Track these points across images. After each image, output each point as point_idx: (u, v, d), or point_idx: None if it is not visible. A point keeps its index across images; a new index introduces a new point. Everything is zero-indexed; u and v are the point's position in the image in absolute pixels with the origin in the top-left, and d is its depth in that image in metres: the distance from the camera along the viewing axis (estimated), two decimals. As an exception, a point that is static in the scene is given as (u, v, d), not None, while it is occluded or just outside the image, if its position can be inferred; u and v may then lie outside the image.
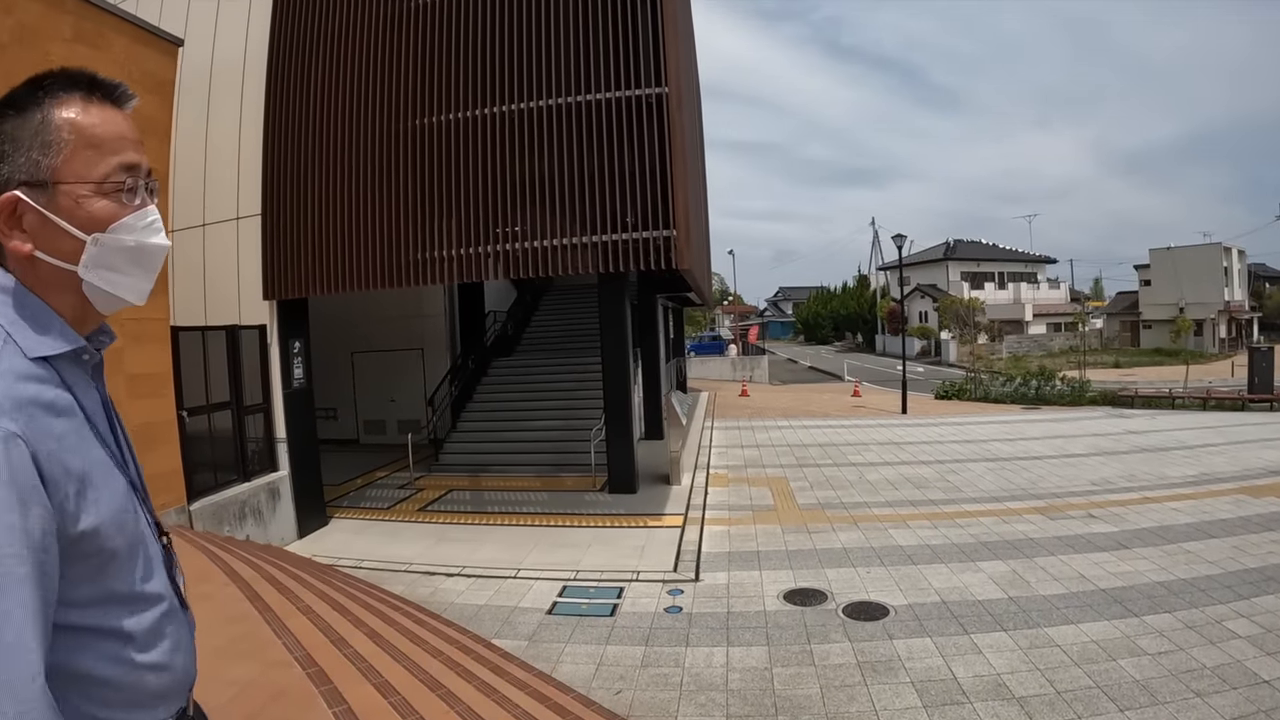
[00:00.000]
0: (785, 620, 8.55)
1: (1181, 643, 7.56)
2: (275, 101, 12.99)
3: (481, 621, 8.70)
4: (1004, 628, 8.12)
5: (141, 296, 1.58)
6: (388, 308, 21.92)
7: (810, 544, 11.38)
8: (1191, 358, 47.72)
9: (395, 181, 12.15)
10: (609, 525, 12.77)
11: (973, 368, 39.53)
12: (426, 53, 12.16)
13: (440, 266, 11.95)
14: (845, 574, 10.00)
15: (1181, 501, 13.24)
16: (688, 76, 15.04)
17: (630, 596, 9.48)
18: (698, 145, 20.88)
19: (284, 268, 12.68)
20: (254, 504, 11.82)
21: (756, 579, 9.94)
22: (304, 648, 5.75)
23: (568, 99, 11.56)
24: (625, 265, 11.35)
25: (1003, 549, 10.86)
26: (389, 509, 14.43)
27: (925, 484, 15.18)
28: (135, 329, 9.72)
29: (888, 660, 7.45)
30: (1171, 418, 25.94)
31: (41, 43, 8.68)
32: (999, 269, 78.16)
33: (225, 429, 11.88)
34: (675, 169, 11.09)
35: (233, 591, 7.02)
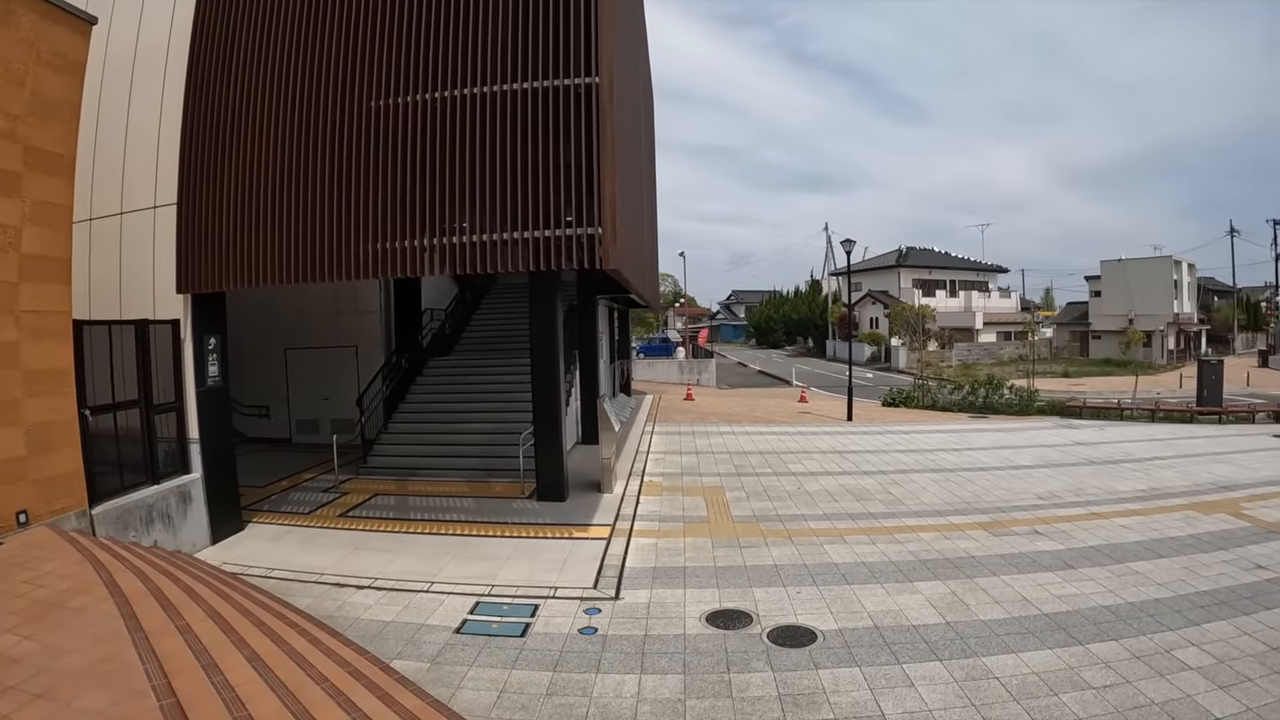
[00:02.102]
0: (706, 645, 8.25)
1: (1128, 674, 7.39)
2: (196, 86, 12.43)
3: (385, 640, 8.34)
4: (939, 657, 7.89)
5: None
6: (323, 303, 21.46)
7: (740, 560, 11.12)
8: (1140, 369, 48.31)
9: (317, 171, 11.68)
10: (533, 536, 12.43)
11: (921, 375, 39.70)
12: (350, 37, 11.70)
13: (364, 260, 11.50)
14: (774, 594, 9.74)
15: (1130, 518, 13.21)
16: (628, 70, 14.70)
17: (545, 615, 9.15)
18: (641, 142, 20.48)
19: (200, 260, 12.13)
20: (163, 508, 11.31)
21: (679, 598, 9.65)
22: (166, 674, 5.37)
23: (494, 87, 11.15)
24: (551, 263, 10.99)
25: (943, 568, 10.68)
26: (310, 514, 13.98)
27: (866, 496, 15.01)
28: (33, 322, 9.27)
29: (811, 693, 7.16)
30: (1120, 429, 26.15)
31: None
32: (951, 277, 79.11)
33: (134, 429, 11.33)
34: (604, 163, 10.74)
35: (108, 607, 6.61)
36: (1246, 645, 8.05)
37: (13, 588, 7.10)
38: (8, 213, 9.02)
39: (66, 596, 6.87)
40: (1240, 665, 7.58)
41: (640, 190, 19.30)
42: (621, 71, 12.52)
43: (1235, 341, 79.60)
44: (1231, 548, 11.56)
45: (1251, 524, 12.88)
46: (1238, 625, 8.59)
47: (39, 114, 9.43)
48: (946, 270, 79.69)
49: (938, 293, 75.61)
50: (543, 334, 14.52)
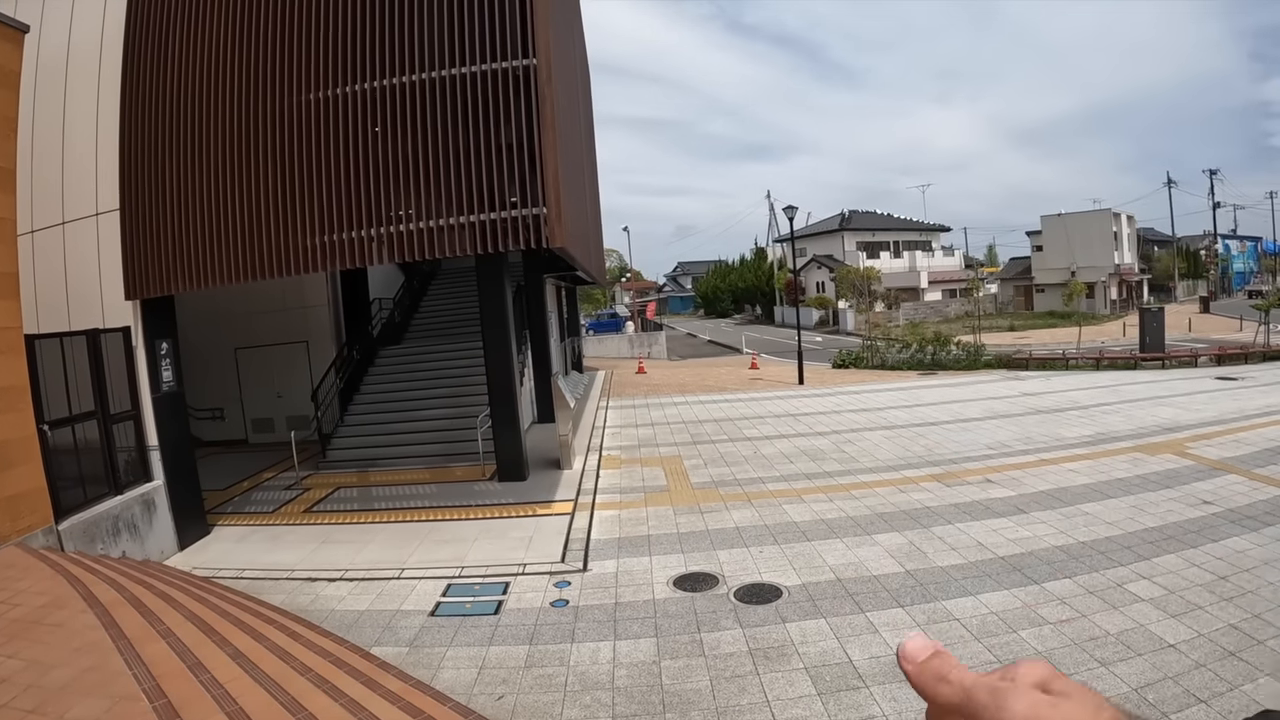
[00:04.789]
0: (675, 608, 8.51)
1: (1083, 609, 7.75)
2: (132, 88, 12.28)
3: (362, 629, 8.49)
4: (901, 604, 8.22)
5: None
6: (269, 300, 21.22)
7: (703, 525, 11.38)
8: (1084, 320, 49.31)
9: (258, 168, 11.63)
10: (497, 516, 12.62)
11: (870, 336, 40.19)
12: (283, 31, 11.62)
13: (309, 254, 11.49)
14: (738, 555, 10.02)
15: (1078, 462, 13.64)
16: (564, 50, 14.77)
17: (516, 591, 9.36)
18: (580, 120, 20.52)
19: (146, 264, 12.05)
20: (128, 518, 11.31)
21: (646, 565, 9.90)
22: (155, 678, 5.50)
23: (432, 74, 11.18)
24: (499, 245, 11.08)
25: (900, 520, 11.01)
26: (273, 512, 14.02)
27: (821, 456, 15.33)
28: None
29: (780, 646, 7.45)
30: (1066, 378, 26.77)
31: None
32: (894, 238, 79.72)
33: (93, 440, 11.29)
34: (545, 144, 10.84)
35: (87, 619, 6.70)
36: (1195, 576, 8.46)
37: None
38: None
39: (44, 612, 6.94)
40: (1190, 595, 7.98)
41: (582, 168, 19.39)
42: (559, 51, 12.59)
43: (1177, 290, 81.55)
44: (1178, 485, 12.03)
45: (1196, 462, 13.38)
46: (1186, 558, 9.01)
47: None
48: (889, 232, 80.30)
49: (882, 254, 76.20)
50: (493, 315, 14.62)
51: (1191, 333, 45.12)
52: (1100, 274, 67.49)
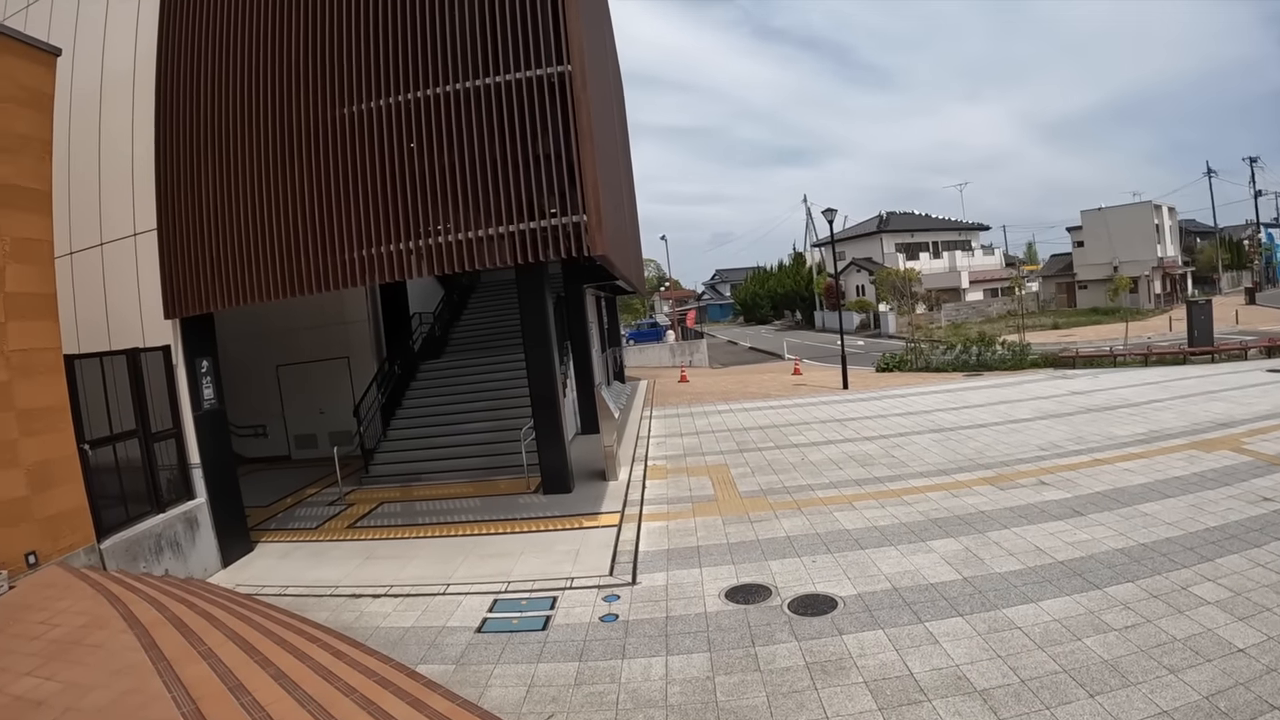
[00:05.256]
0: (727, 621, 8.25)
1: (1148, 614, 7.40)
2: (166, 109, 12.34)
3: (407, 646, 8.32)
4: (960, 612, 7.90)
5: None
6: (310, 316, 21.31)
7: (753, 534, 11.11)
8: (1129, 315, 48.34)
9: (294, 184, 11.60)
10: (543, 529, 12.42)
11: (912, 338, 39.68)
12: (315, 47, 11.60)
13: (347, 269, 11.43)
14: (790, 565, 9.74)
15: (1133, 461, 13.23)
16: (598, 56, 14.63)
17: (564, 606, 9.13)
18: (616, 129, 20.38)
19: (185, 283, 12.06)
20: (171, 536, 11.24)
21: (696, 577, 9.64)
22: (193, 700, 5.32)
23: (466, 84, 11.07)
24: (539, 255, 10.94)
25: (954, 525, 10.68)
26: (317, 528, 13.94)
27: (870, 461, 15.01)
28: (22, 360, 9.18)
29: (838, 659, 7.16)
30: (1114, 375, 26.19)
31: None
32: (933, 239, 79.03)
33: (134, 459, 11.24)
34: (583, 150, 10.69)
35: (127, 639, 6.56)
36: (1261, 576, 8.08)
37: (29, 629, 7.06)
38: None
39: (84, 633, 6.82)
40: (1257, 596, 7.61)
41: (620, 176, 19.24)
42: (592, 58, 12.43)
43: (1221, 281, 79.93)
44: (1236, 483, 11.59)
45: (1254, 458, 12.92)
46: (1250, 558, 8.63)
47: (9, 150, 9.33)
48: (928, 232, 79.63)
49: (921, 255, 75.57)
50: (534, 326, 14.44)
51: (1239, 325, 44.11)
52: (1143, 268, 66.30)
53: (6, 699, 5.62)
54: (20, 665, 6.22)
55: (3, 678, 6.00)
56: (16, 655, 6.46)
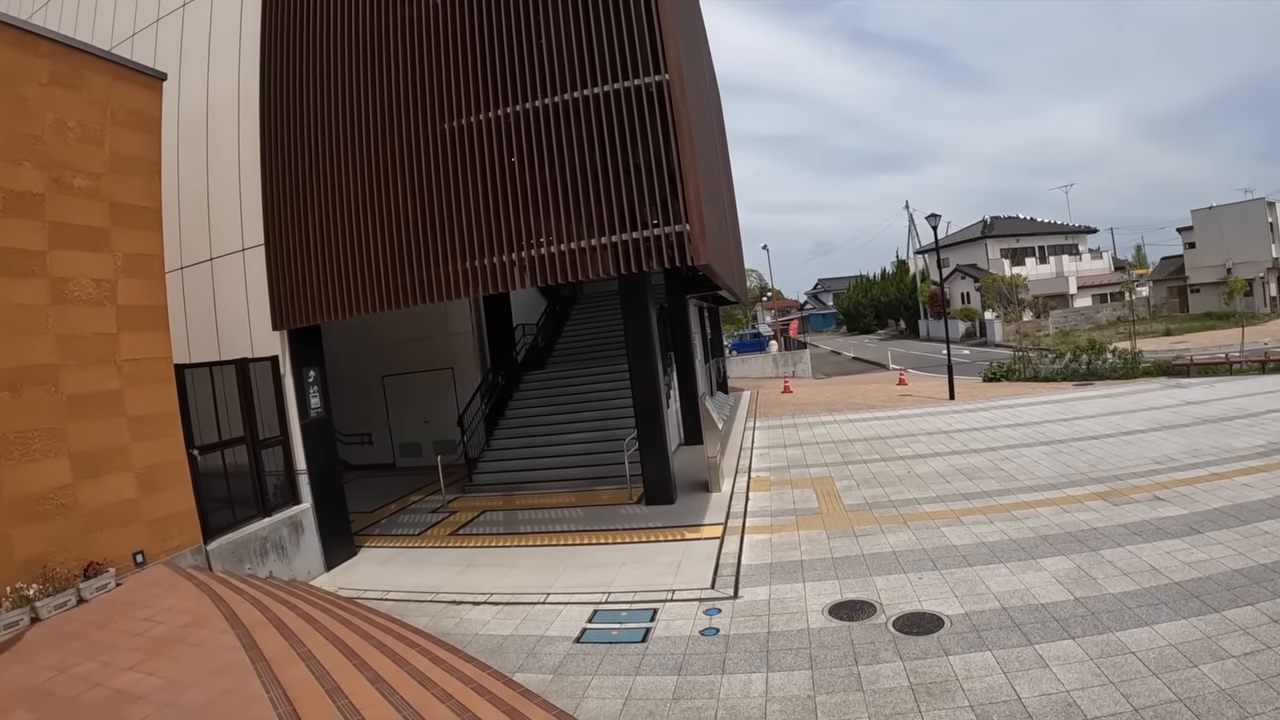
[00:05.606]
0: (830, 639, 7.97)
1: (1269, 640, 6.88)
2: (270, 128, 12.78)
3: (505, 654, 8.25)
4: (1071, 634, 7.47)
5: None
6: (415, 328, 21.70)
7: (857, 549, 10.77)
8: (1245, 319, 45.99)
9: (396, 199, 11.78)
10: (644, 540, 12.25)
11: (1020, 346, 38.51)
12: (415, 65, 11.79)
13: (450, 281, 11.54)
14: (896, 582, 9.39)
15: (1253, 476, 12.46)
16: (694, 65, 14.51)
17: (664, 619, 8.94)
18: (715, 137, 20.21)
19: (292, 296, 12.38)
20: (276, 539, 11.48)
21: (799, 592, 9.36)
22: (291, 702, 5.32)
23: (564, 96, 11.06)
24: (641, 265, 10.84)
25: (1065, 542, 10.18)
26: (419, 535, 14.07)
27: (978, 474, 14.49)
28: (134, 370, 9.52)
29: (944, 681, 6.83)
30: (1231, 384, 24.88)
31: (15, 88, 8.56)
32: (1039, 243, 76.22)
33: (242, 464, 11.56)
34: (684, 159, 10.54)
35: (228, 639, 6.66)
36: (1394, 604, 7.49)
37: (133, 626, 7.25)
38: (101, 267, 9.33)
39: (186, 631, 6.96)
40: (1391, 622, 7.06)
41: (721, 185, 19.09)
42: (689, 66, 12.33)
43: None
44: (1367, 499, 10.83)
45: (1388, 472, 12.10)
46: (1386, 580, 8.02)
47: (121, 171, 9.73)
48: (1034, 236, 76.81)
49: (1027, 260, 73.07)
50: (637, 337, 14.35)
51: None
52: (1258, 269, 62.64)
53: (108, 692, 5.74)
54: (123, 660, 6.38)
55: (105, 672, 6.15)
56: (120, 650, 6.63)
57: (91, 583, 8.34)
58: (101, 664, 6.38)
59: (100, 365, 9.16)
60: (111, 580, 8.59)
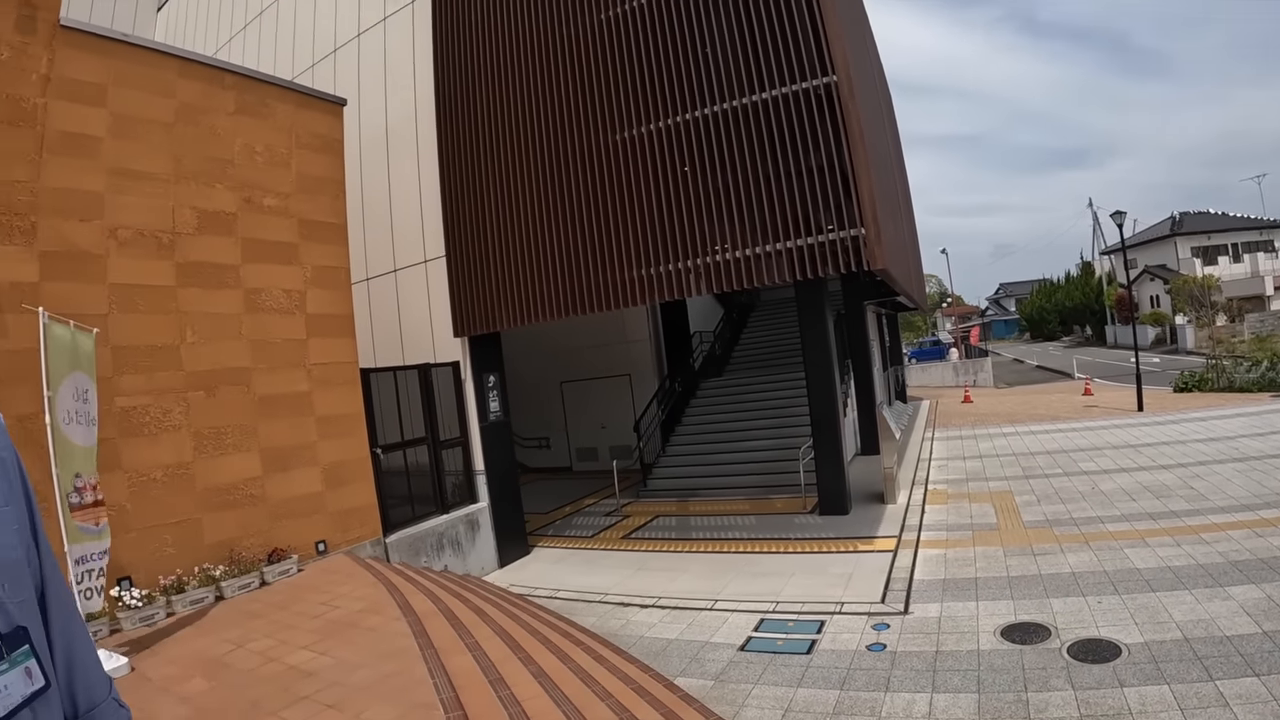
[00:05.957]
0: (1001, 661, 7.60)
1: None
2: (447, 145, 13.49)
3: (668, 658, 8.26)
4: (1256, 672, 6.85)
5: None
6: (592, 335, 22.13)
7: (1035, 568, 10.25)
8: None
9: (571, 209, 12.14)
10: (816, 551, 12.03)
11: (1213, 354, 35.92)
12: (584, 80, 12.13)
13: (626, 289, 11.76)
14: (1073, 605, 8.86)
15: None
16: (862, 66, 14.26)
17: (831, 631, 8.73)
18: (888, 138, 19.72)
19: (472, 305, 12.94)
20: (452, 535, 11.97)
21: (972, 611, 8.97)
22: (454, 689, 5.49)
23: (733, 103, 11.08)
24: (817, 270, 10.72)
25: (1257, 570, 9.34)
26: (592, 537, 14.31)
27: (1166, 492, 13.57)
28: (323, 373, 10.19)
29: (1116, 714, 6.39)
30: None
31: (205, 118, 9.32)
32: (1231, 239, 69.62)
33: (423, 464, 12.15)
34: (856, 162, 10.38)
35: (400, 626, 6.96)
36: None
37: (311, 609, 7.70)
38: (290, 278, 10.05)
39: (360, 616, 7.33)
40: None
41: (895, 187, 18.66)
42: (857, 68, 12.15)
43: None
44: None
45: None
46: None
47: (307, 190, 10.45)
48: (1226, 233, 69.66)
49: (1219, 259, 67.28)
50: (815, 344, 14.09)
51: None
52: None
53: (282, 667, 6.12)
54: (299, 639, 6.78)
55: (281, 649, 6.57)
56: (297, 630, 7.05)
57: (274, 567, 8.97)
58: (278, 641, 6.81)
59: (290, 369, 9.86)
60: (294, 566, 9.20)
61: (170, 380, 8.56)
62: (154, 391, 8.40)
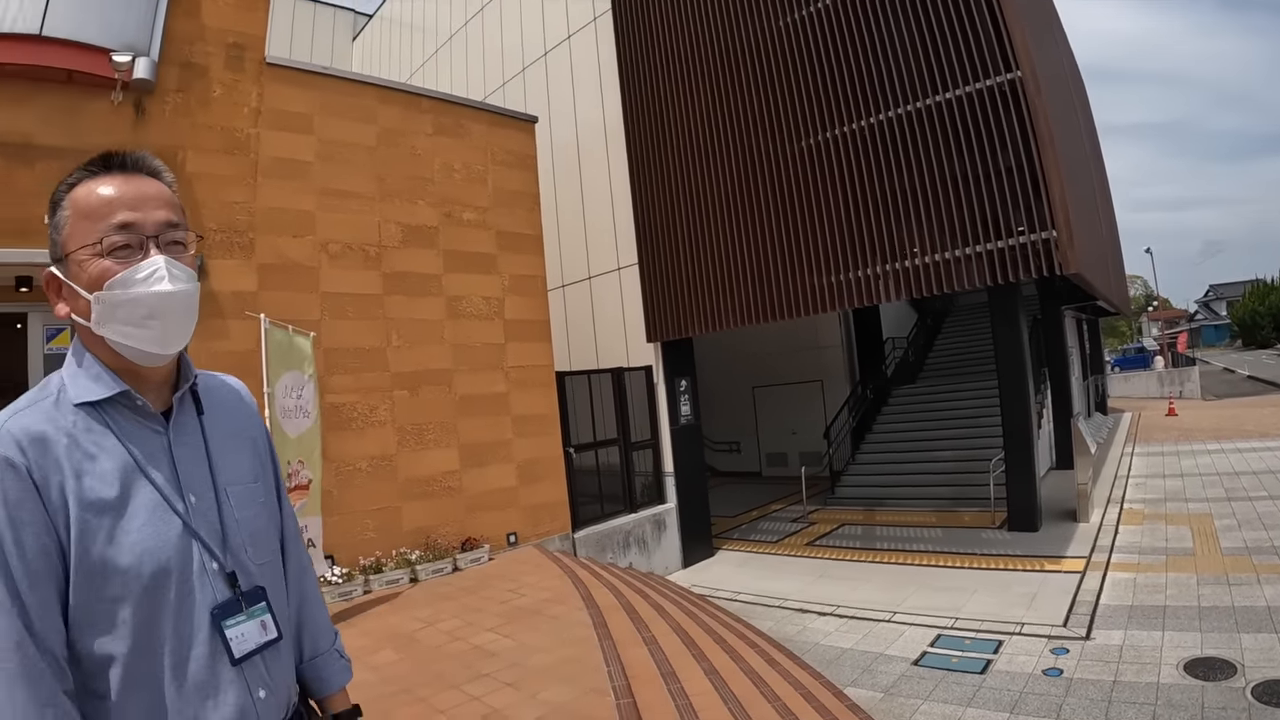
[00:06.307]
0: (1179, 697, 7.27)
1: None
2: (636, 160, 14.10)
3: (841, 667, 8.35)
4: None
5: (165, 345, 1.56)
6: (784, 341, 22.18)
7: (1228, 599, 9.65)
8: None
9: (760, 215, 12.38)
10: (1001, 568, 11.77)
11: None
12: (768, 89, 12.34)
13: (817, 295, 11.86)
14: (1264, 641, 8.32)
15: None
16: (1049, 57, 13.77)
17: (1008, 652, 8.57)
18: (1082, 133, 18.73)
19: (664, 311, 13.41)
20: (639, 534, 12.43)
21: (1156, 641, 8.59)
22: (627, 678, 5.82)
23: (915, 105, 10.95)
24: (1007, 275, 10.48)
25: None
26: (777, 542, 14.42)
27: (1387, 525, 12.55)
28: (520, 375, 10.92)
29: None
30: None
31: (405, 140, 10.23)
32: None
33: (613, 463, 12.71)
34: (1046, 161, 10.07)
35: (581, 616, 7.37)
36: None
37: (498, 595, 8.29)
38: (489, 287, 10.84)
39: (545, 605, 7.81)
40: None
41: (1092, 185, 17.80)
42: (1042, 60, 11.79)
43: None
44: None
45: None
46: None
47: (503, 204, 11.22)
48: None
49: None
50: (1007, 353, 13.72)
51: None
52: None
53: (466, 646, 6.69)
54: (485, 622, 7.34)
55: (467, 630, 7.16)
56: (484, 614, 7.63)
57: (467, 555, 9.70)
58: (465, 623, 7.39)
59: (489, 370, 10.61)
60: (485, 555, 9.91)
61: (376, 380, 9.47)
62: (361, 390, 9.33)
